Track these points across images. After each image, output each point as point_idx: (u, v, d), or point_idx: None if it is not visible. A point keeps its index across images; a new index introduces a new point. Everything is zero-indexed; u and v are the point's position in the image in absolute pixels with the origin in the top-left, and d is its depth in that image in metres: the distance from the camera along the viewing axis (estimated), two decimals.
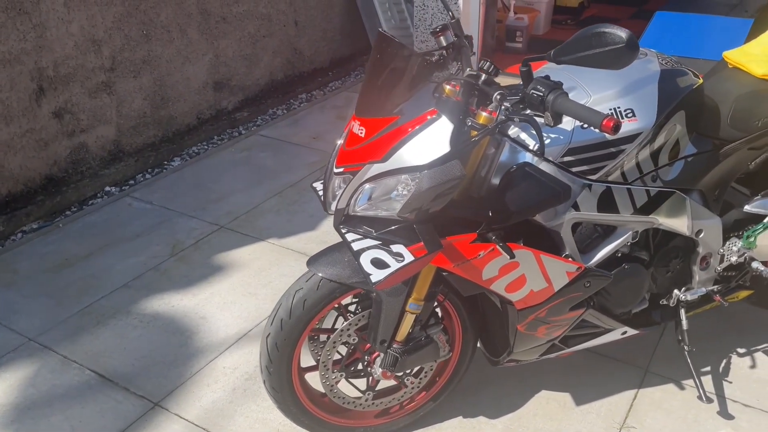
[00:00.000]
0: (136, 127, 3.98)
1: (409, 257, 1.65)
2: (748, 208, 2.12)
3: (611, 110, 1.75)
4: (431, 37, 1.85)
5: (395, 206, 1.64)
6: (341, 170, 1.73)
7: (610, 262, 1.96)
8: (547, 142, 1.75)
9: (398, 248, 1.67)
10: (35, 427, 2.23)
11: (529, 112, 1.62)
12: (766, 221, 2.11)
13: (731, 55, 2.13)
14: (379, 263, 1.66)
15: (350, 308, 2.01)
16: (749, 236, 2.09)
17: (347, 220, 1.75)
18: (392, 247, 1.67)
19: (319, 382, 2.00)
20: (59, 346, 2.59)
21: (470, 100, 1.68)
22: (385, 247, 1.68)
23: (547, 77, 1.60)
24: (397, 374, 2.07)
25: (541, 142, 1.55)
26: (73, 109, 3.62)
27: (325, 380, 1.98)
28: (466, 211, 1.73)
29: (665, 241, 2.05)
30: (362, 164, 1.67)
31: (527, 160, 1.77)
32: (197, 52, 4.23)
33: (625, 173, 1.82)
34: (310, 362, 2.03)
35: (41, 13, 3.37)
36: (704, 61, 2.75)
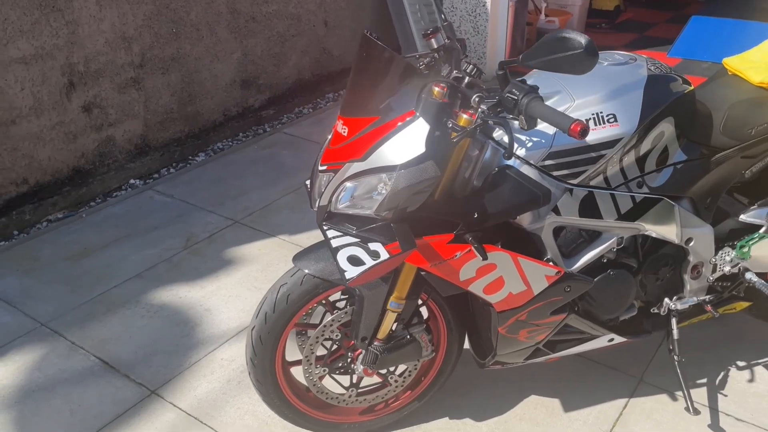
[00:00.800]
0: (162, 122, 4.10)
1: (384, 255, 1.68)
2: (743, 217, 2.08)
3: (593, 115, 1.74)
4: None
5: (372, 205, 1.67)
6: (325, 168, 1.77)
7: (595, 267, 1.95)
8: (529, 145, 1.76)
9: (375, 246, 1.70)
10: (37, 408, 2.33)
11: (505, 115, 1.64)
12: (761, 231, 2.07)
13: (731, 61, 2.09)
14: (355, 260, 1.69)
15: (339, 305, 2.05)
16: (743, 246, 2.05)
17: (330, 217, 1.78)
18: (370, 245, 1.70)
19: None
20: (69, 332, 2.69)
21: (455, 102, 1.70)
22: (363, 244, 1.70)
23: (523, 81, 1.61)
24: (380, 372, 2.10)
25: (510, 144, 1.56)
26: (101, 103, 3.75)
27: (308, 375, 2.02)
28: (446, 211, 1.75)
29: (654, 248, 2.02)
30: (344, 162, 1.71)
31: (509, 163, 1.77)
32: (226, 50, 4.33)
33: (608, 178, 1.81)
34: (297, 356, 2.07)
35: (74, 10, 3.50)
36: None
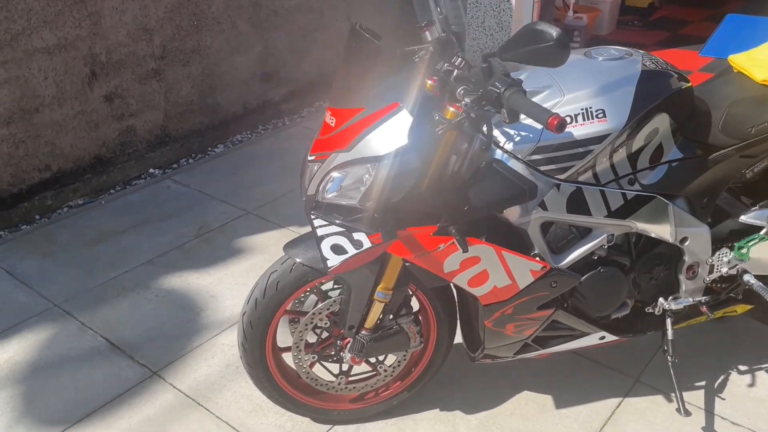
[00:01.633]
0: (183, 113, 4.18)
1: (367, 244, 1.70)
2: (743, 218, 2.04)
3: (582, 110, 1.73)
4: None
5: (357, 195, 1.69)
6: (313, 158, 1.79)
7: (587, 264, 1.94)
8: (516, 139, 1.76)
9: (359, 236, 1.72)
10: (44, 385, 2.41)
11: (490, 108, 1.64)
12: (761, 233, 2.03)
13: (736, 58, 2.05)
14: (338, 249, 1.72)
15: (332, 294, 2.07)
16: (741, 247, 2.02)
17: (318, 206, 1.81)
18: (354, 234, 1.73)
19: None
20: (80, 313, 2.77)
21: (445, 95, 1.71)
22: (347, 234, 1.73)
23: (507, 74, 1.61)
24: (369, 361, 2.12)
25: (488, 138, 1.57)
26: (123, 93, 3.84)
27: (297, 361, 2.05)
28: (433, 203, 1.76)
29: (649, 247, 2.00)
30: (330, 153, 1.73)
31: (497, 157, 1.78)
32: (247, 43, 4.39)
33: (597, 174, 1.79)
34: (289, 342, 2.10)
35: (96, 2, 3.59)
36: None
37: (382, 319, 2.00)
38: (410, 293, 2.04)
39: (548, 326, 2.01)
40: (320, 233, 1.75)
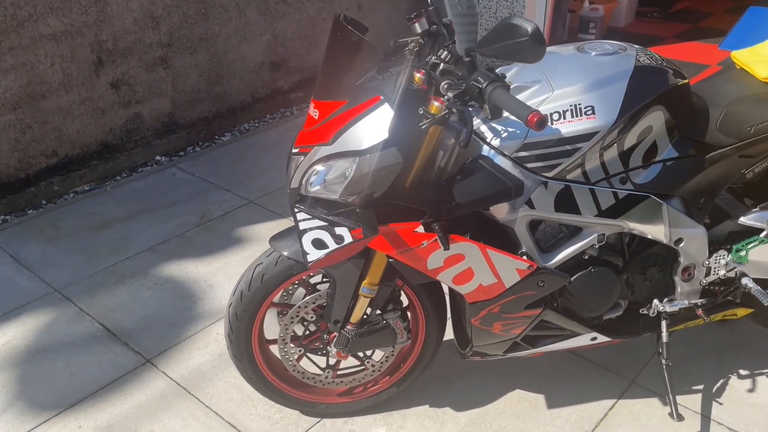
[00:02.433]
0: (190, 101, 4.18)
1: (348, 239, 1.68)
2: (743, 220, 1.98)
3: (571, 106, 1.69)
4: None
5: (338, 189, 1.67)
6: (297, 151, 1.77)
7: (578, 263, 1.90)
8: (503, 135, 1.72)
9: (342, 231, 1.70)
10: (40, 368, 2.43)
11: (474, 104, 1.61)
12: (761, 236, 1.97)
13: (739, 55, 1.98)
14: (319, 243, 1.70)
15: (321, 287, 2.06)
16: (739, 250, 1.96)
17: (302, 200, 1.79)
18: (336, 229, 1.70)
19: None
20: (79, 298, 2.79)
21: (432, 88, 1.68)
22: (330, 228, 1.71)
23: (491, 69, 1.57)
24: (357, 355, 2.11)
25: (467, 134, 1.53)
26: (129, 81, 3.85)
27: (284, 354, 2.04)
28: (418, 199, 1.73)
29: (643, 247, 1.96)
30: (313, 146, 1.71)
31: (484, 153, 1.74)
32: (255, 32, 4.37)
33: (587, 173, 1.75)
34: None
35: None
36: None
37: (368, 314, 1.98)
38: (398, 288, 2.02)
39: (538, 326, 1.97)
40: (302, 227, 1.73)
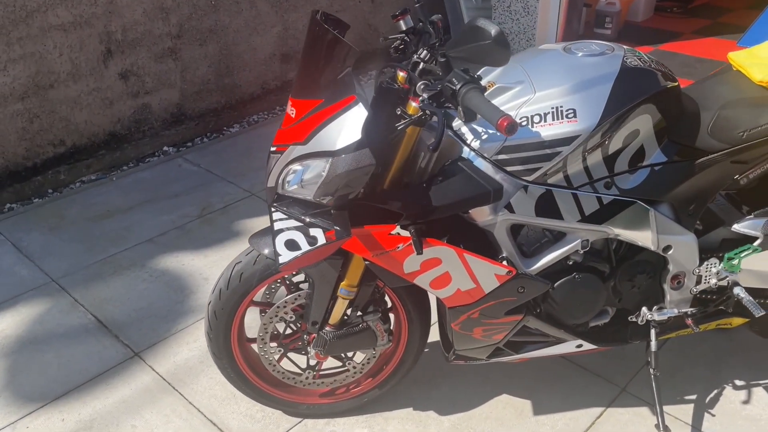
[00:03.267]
0: (199, 92, 4.18)
1: (322, 241, 1.65)
2: (736, 227, 1.91)
3: (552, 109, 1.63)
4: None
5: (312, 189, 1.64)
6: (274, 149, 1.75)
7: (563, 269, 1.85)
8: (484, 137, 1.68)
9: (316, 232, 1.67)
10: (30, 359, 2.46)
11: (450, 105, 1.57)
12: (755, 244, 1.90)
13: (736, 56, 1.91)
14: (292, 245, 1.68)
15: (303, 286, 2.04)
16: (731, 258, 1.89)
17: (279, 199, 1.77)
18: (311, 230, 1.68)
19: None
20: (74, 289, 2.81)
21: (412, 88, 1.64)
22: (304, 229, 1.68)
23: (465, 70, 1.52)
24: (339, 357, 2.09)
25: (438, 137, 1.48)
26: (138, 71, 3.86)
27: (262, 353, 2.03)
28: (395, 201, 1.70)
29: (631, 254, 1.90)
30: (288, 145, 1.68)
31: (464, 155, 1.70)
32: (266, 23, 4.35)
33: (569, 177, 1.70)
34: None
35: None
36: None
37: (348, 315, 1.95)
38: (380, 290, 1.99)
39: (521, 332, 1.93)
40: (277, 227, 1.70)
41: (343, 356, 2.10)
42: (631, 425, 2.12)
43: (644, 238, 1.81)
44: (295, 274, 2.01)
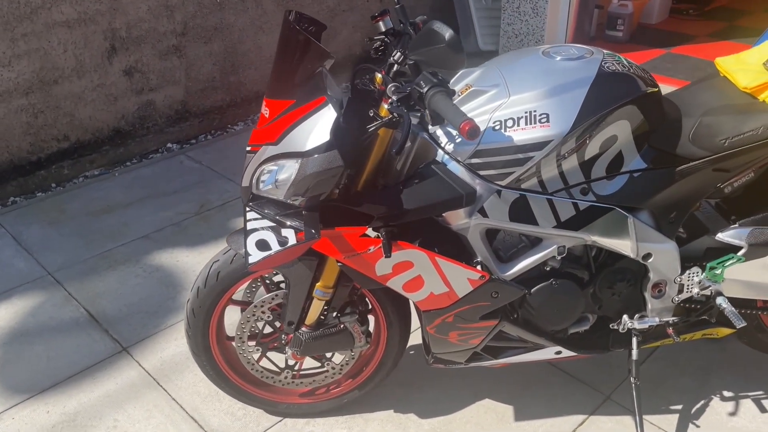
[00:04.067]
0: (204, 90, 4.21)
1: (292, 242, 1.65)
2: (720, 236, 1.87)
3: (526, 113, 1.61)
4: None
5: (282, 190, 1.64)
6: (249, 149, 1.75)
7: (540, 275, 1.83)
8: (457, 140, 1.67)
9: (288, 232, 1.67)
10: (20, 351, 2.49)
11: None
12: (739, 254, 1.86)
13: (724, 62, 1.87)
14: (262, 245, 1.68)
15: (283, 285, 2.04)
16: (714, 268, 1.85)
17: (254, 199, 1.77)
18: (283, 231, 1.68)
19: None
20: (69, 283, 2.85)
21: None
22: (276, 229, 1.68)
23: (434, 73, 1.51)
24: (318, 357, 2.09)
25: (402, 140, 1.47)
26: (143, 68, 3.89)
27: (241, 352, 2.03)
28: (368, 203, 1.69)
29: (611, 260, 1.87)
30: (261, 145, 1.69)
31: (438, 158, 1.69)
32: (271, 22, 4.36)
33: (544, 182, 1.68)
34: None
35: None
36: None
37: (326, 316, 1.95)
38: (359, 291, 1.98)
39: (500, 337, 1.92)
40: (250, 227, 1.71)
41: (321, 357, 2.10)
42: None
43: (623, 245, 1.78)
44: (275, 273, 2.01)
